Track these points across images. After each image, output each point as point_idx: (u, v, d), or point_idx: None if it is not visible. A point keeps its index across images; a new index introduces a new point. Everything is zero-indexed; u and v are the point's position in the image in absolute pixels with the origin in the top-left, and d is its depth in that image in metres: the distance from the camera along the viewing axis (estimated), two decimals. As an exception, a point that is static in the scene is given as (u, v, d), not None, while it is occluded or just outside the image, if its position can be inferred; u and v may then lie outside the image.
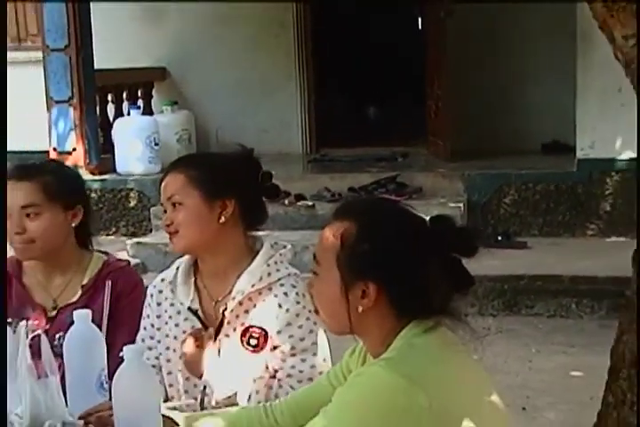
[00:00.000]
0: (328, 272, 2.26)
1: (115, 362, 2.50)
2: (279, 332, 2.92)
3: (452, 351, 2.27)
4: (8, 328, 2.88)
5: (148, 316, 3.16)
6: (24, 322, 2.80)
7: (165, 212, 3.06)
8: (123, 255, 8.00)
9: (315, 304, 2.38)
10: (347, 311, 2.24)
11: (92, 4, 9.65)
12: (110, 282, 3.30)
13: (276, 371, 2.94)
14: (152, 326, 3.14)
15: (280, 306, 2.95)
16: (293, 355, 2.92)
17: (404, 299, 2.24)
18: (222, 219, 2.99)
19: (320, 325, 2.93)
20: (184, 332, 3.05)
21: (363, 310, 2.23)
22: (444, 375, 2.18)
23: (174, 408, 2.68)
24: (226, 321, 2.99)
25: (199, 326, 3.05)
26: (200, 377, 3.02)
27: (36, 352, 2.57)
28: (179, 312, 3.07)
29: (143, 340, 3.14)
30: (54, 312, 3.30)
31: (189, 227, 3.00)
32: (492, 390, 2.31)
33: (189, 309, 3.04)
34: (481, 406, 2.23)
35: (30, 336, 2.59)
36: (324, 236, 2.30)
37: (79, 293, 3.30)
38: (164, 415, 2.54)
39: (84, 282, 3.33)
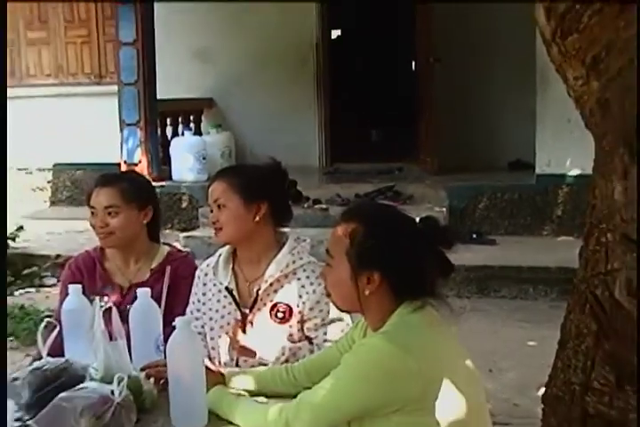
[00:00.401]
0: (340, 264, 2.29)
1: (170, 329, 2.52)
2: (311, 309, 2.96)
3: (436, 326, 2.30)
4: (86, 301, 2.91)
5: (196, 293, 3.18)
6: (98, 298, 2.83)
7: (212, 211, 3.08)
8: (175, 246, 8.03)
9: (327, 288, 2.41)
10: (356, 294, 2.27)
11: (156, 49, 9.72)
12: (170, 267, 3.35)
13: (311, 339, 2.96)
14: (199, 301, 3.17)
15: (303, 287, 2.98)
16: (324, 325, 2.96)
17: (400, 283, 2.27)
18: (257, 218, 3.01)
19: None
20: (224, 307, 3.08)
21: (369, 292, 2.26)
22: (430, 345, 2.22)
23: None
24: (259, 298, 3.02)
25: (232, 302, 3.07)
26: (254, 356, 3.03)
27: (108, 321, 2.59)
28: (220, 291, 3.10)
29: (192, 312, 3.16)
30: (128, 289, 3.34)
31: (230, 224, 3.02)
32: (467, 356, 2.33)
33: (226, 288, 3.07)
34: (458, 368, 2.27)
35: (103, 309, 2.61)
36: (336, 234, 2.33)
37: (148, 274, 3.35)
38: (207, 368, 2.58)
39: (153, 266, 3.37)
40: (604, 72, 1.80)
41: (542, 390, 2.13)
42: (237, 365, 3.03)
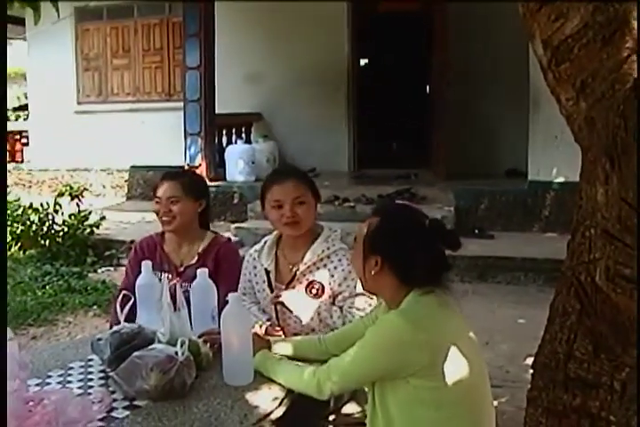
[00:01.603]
0: (358, 248, 2.35)
1: (221, 302, 2.55)
2: (340, 284, 2.96)
3: (444, 306, 2.31)
4: (156, 278, 2.94)
5: (246, 274, 3.20)
6: (165, 275, 2.85)
7: (281, 206, 3.01)
8: (228, 235, 8.08)
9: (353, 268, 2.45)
10: (364, 274, 2.33)
11: (215, 73, 9.77)
12: (214, 251, 3.38)
13: (341, 307, 2.96)
14: (249, 280, 3.18)
15: (335, 268, 2.99)
16: (351, 297, 2.95)
17: (402, 270, 2.29)
18: (316, 212, 3.07)
19: None
20: (268, 286, 3.10)
21: (374, 273, 2.30)
22: (438, 321, 2.25)
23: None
24: (296, 277, 3.03)
25: (266, 280, 3.10)
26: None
27: (173, 295, 2.61)
28: (262, 270, 3.12)
29: (245, 288, 3.19)
30: (182, 269, 3.37)
31: (309, 218, 3.04)
32: (469, 331, 2.33)
33: (265, 269, 3.09)
34: (463, 340, 2.27)
35: (169, 285, 2.64)
36: (361, 225, 2.39)
37: (196, 257, 3.37)
38: (257, 335, 2.60)
39: (199, 250, 3.39)
40: (590, 95, 1.79)
41: (529, 359, 2.14)
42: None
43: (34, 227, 8.24)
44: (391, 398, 2.25)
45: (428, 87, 11.55)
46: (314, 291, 2.99)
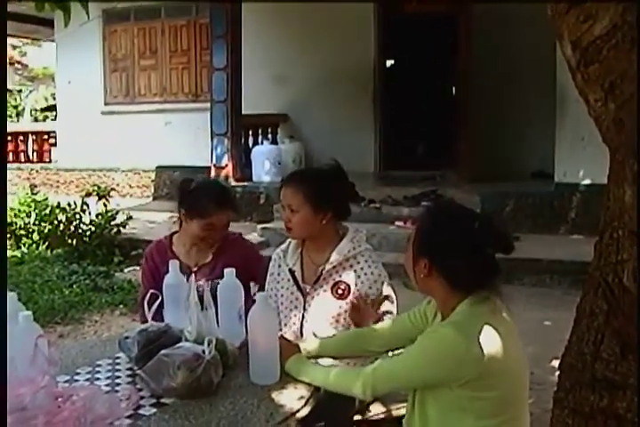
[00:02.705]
0: (409, 250, 2.30)
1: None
2: (370, 287, 2.98)
3: (498, 315, 2.26)
4: (183, 277, 2.95)
5: (272, 273, 3.20)
6: (192, 276, 2.86)
7: (284, 209, 3.08)
8: (254, 235, 8.13)
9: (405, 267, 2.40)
10: (415, 276, 2.29)
11: (242, 74, 9.80)
12: (225, 249, 3.38)
13: None
14: (275, 280, 3.19)
15: (362, 269, 3.00)
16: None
17: (450, 274, 2.24)
18: (323, 222, 3.02)
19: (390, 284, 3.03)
20: (293, 285, 3.11)
21: (422, 276, 2.26)
22: (493, 334, 2.16)
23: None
24: (322, 278, 3.03)
25: (291, 280, 3.11)
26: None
27: (200, 294, 2.62)
28: (287, 271, 3.13)
29: (270, 289, 3.18)
30: (196, 268, 3.36)
31: (300, 226, 3.03)
32: (518, 340, 2.29)
33: (290, 270, 3.10)
34: (511, 351, 2.20)
35: (196, 285, 2.65)
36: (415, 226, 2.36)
37: (211, 257, 3.38)
38: (286, 340, 2.62)
39: (214, 250, 3.40)
40: (619, 96, 1.79)
41: (555, 361, 2.13)
42: (302, 333, 3.05)
43: (61, 226, 8.32)
44: (431, 403, 2.23)
45: (453, 88, 11.50)
46: (340, 291, 3.00)
